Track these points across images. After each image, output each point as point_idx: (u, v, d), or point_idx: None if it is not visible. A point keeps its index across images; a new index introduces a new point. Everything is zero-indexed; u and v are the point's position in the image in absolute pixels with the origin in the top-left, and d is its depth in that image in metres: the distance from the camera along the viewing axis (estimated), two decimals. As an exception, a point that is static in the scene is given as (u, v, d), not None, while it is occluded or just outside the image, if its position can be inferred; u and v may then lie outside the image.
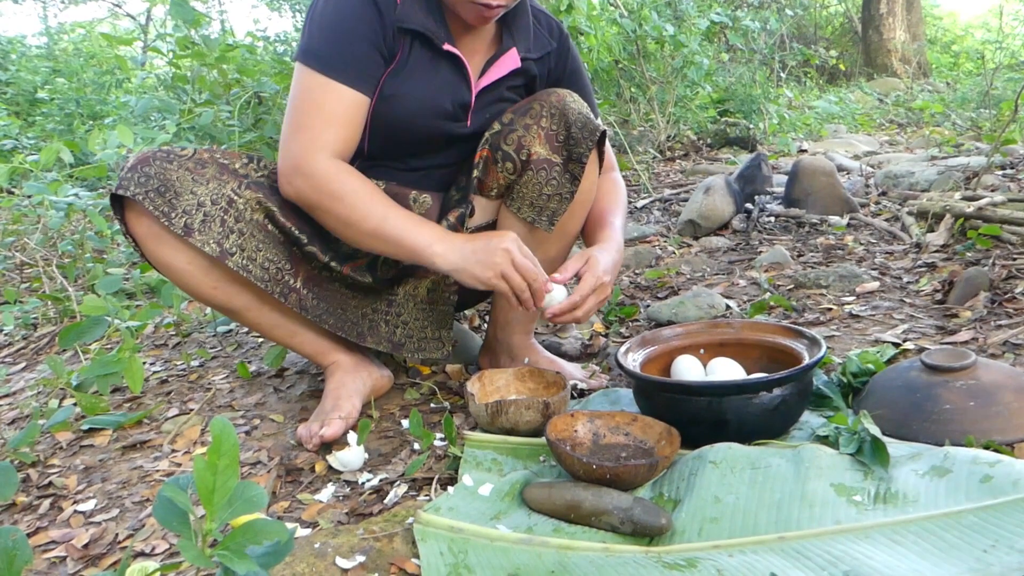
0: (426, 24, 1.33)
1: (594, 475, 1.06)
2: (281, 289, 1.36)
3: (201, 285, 1.35)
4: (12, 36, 9.33)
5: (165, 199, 1.26)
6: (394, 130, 1.40)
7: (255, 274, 1.33)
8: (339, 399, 1.40)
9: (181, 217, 1.27)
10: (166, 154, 1.30)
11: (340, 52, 1.29)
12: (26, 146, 4.66)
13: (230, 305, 1.39)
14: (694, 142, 5.19)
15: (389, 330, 1.49)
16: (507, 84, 1.46)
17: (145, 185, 1.26)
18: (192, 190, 1.29)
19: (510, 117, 1.40)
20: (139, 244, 1.33)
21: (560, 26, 1.53)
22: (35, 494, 1.26)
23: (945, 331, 1.65)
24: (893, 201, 3.03)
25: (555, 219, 1.42)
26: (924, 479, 1.03)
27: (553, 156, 1.38)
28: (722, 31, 5.99)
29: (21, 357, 2.03)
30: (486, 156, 1.42)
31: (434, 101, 1.38)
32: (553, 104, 1.38)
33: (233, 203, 1.32)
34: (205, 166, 1.32)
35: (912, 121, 6.53)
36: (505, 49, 1.43)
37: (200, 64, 3.39)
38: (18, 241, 2.75)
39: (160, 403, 1.59)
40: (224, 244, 1.30)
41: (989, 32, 11.57)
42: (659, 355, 1.39)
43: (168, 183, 1.27)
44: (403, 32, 1.33)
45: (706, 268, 2.42)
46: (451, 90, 1.39)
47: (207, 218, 1.29)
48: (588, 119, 1.37)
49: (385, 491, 1.18)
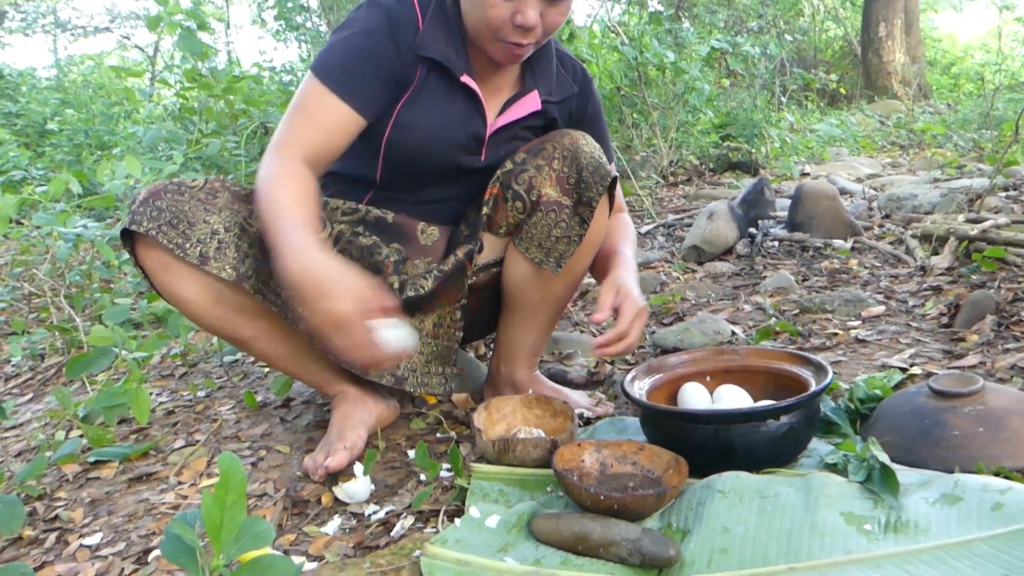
0: (445, 54, 1.35)
1: (602, 506, 1.06)
2: (292, 315, 1.36)
3: (209, 315, 1.35)
4: (23, 69, 9.46)
5: (178, 231, 1.27)
6: (408, 159, 1.41)
7: (269, 298, 1.33)
8: (344, 430, 1.39)
9: (196, 247, 1.27)
10: (177, 186, 1.31)
11: (344, 68, 1.32)
12: (35, 177, 4.70)
13: (238, 335, 1.40)
14: (697, 167, 5.21)
15: (392, 364, 1.48)
16: (525, 125, 1.47)
17: (157, 219, 1.27)
18: (205, 219, 1.29)
19: (522, 156, 1.41)
20: (149, 276, 1.33)
21: (584, 70, 1.54)
22: (41, 527, 1.26)
23: (952, 355, 1.65)
24: (897, 224, 3.04)
25: (563, 261, 1.43)
26: (935, 507, 1.02)
27: (563, 198, 1.39)
28: (722, 57, 6.04)
29: (28, 388, 2.04)
30: (496, 194, 1.42)
31: (448, 132, 1.39)
32: (566, 146, 1.38)
33: (246, 230, 1.33)
34: (216, 195, 1.33)
35: (914, 143, 6.55)
36: (527, 90, 1.43)
37: (207, 95, 3.44)
38: (26, 272, 2.76)
39: (166, 434, 1.59)
40: (240, 268, 1.30)
41: (988, 53, 11.65)
42: (665, 383, 1.39)
43: (181, 215, 1.28)
44: (421, 59, 1.35)
45: (711, 293, 2.42)
46: (465, 123, 1.41)
47: (221, 245, 1.29)
48: (600, 163, 1.38)
49: (392, 523, 1.18)
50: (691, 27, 6.30)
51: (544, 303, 1.51)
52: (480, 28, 1.29)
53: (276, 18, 10.87)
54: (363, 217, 1.48)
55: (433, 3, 1.36)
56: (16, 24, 14.56)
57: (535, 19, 1.24)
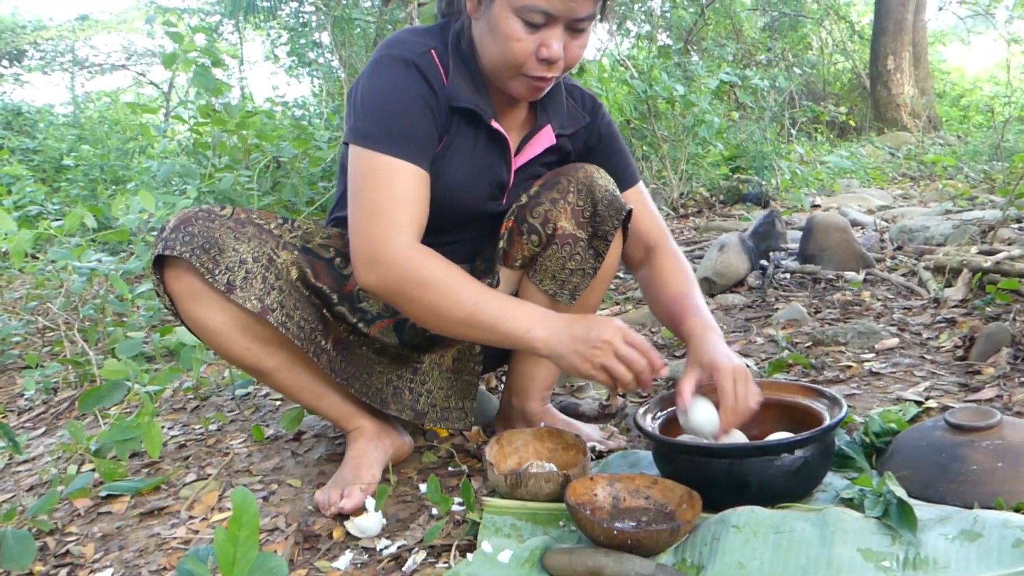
0: (475, 101, 1.31)
1: (615, 540, 1.05)
2: (314, 349, 1.35)
3: (234, 345, 1.34)
4: (41, 106, 9.63)
5: (210, 256, 1.27)
6: (432, 210, 1.33)
7: (292, 331, 1.32)
8: (360, 468, 1.39)
9: (224, 274, 1.27)
10: (207, 213, 1.31)
11: (398, 129, 1.25)
12: (51, 212, 4.76)
13: (261, 366, 1.38)
14: (707, 199, 5.23)
15: (412, 398, 1.48)
16: (541, 161, 1.44)
17: (190, 244, 1.26)
18: (234, 247, 1.29)
19: (536, 190, 1.41)
20: (176, 303, 1.32)
21: (593, 98, 1.51)
22: (52, 563, 1.25)
23: (968, 388, 1.63)
24: (909, 256, 3.03)
25: (577, 293, 1.43)
26: (954, 543, 1.00)
27: (578, 231, 1.39)
28: (732, 90, 6.08)
29: (41, 422, 2.04)
30: (511, 227, 1.42)
31: (476, 182, 1.38)
32: (581, 180, 1.38)
33: (273, 262, 1.33)
34: (245, 225, 1.33)
35: (925, 174, 6.56)
36: (540, 127, 1.41)
37: (221, 130, 3.48)
38: (41, 305, 2.79)
39: (178, 468, 1.59)
40: (265, 300, 1.30)
41: (997, 86, 11.68)
42: (678, 416, 1.38)
43: (212, 240, 1.28)
44: (452, 111, 1.32)
45: (723, 326, 2.41)
46: (491, 171, 1.39)
47: (249, 275, 1.29)
48: (615, 196, 1.38)
49: (403, 558, 1.17)
50: (700, 60, 6.36)
51: None
52: (502, 65, 1.26)
53: (289, 54, 11.03)
54: None
55: (450, 52, 1.32)
56: (35, 62, 14.85)
57: (560, 51, 1.22)
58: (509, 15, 1.20)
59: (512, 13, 1.20)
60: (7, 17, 14.78)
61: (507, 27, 1.21)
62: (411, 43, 1.30)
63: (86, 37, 15.04)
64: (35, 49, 14.77)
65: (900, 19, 9.85)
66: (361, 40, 7.62)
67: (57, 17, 17.49)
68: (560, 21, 1.21)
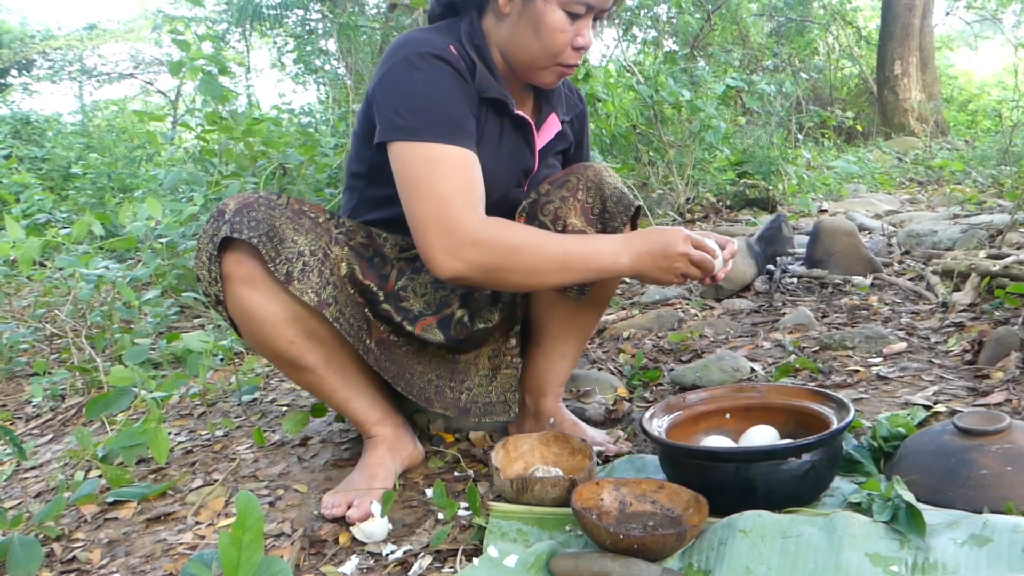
0: (500, 91, 1.38)
1: (621, 545, 1.04)
2: (363, 347, 1.36)
3: (280, 337, 1.33)
4: (49, 115, 9.68)
5: (273, 244, 1.27)
6: None
7: (344, 327, 1.33)
8: (375, 477, 1.38)
9: (283, 264, 1.28)
10: (267, 200, 1.31)
11: (446, 119, 1.27)
12: (59, 219, 4.78)
13: (301, 361, 1.37)
14: (714, 204, 5.22)
15: (455, 396, 1.49)
16: (555, 149, 1.52)
17: (256, 229, 1.26)
18: (293, 239, 1.30)
19: (547, 188, 1.44)
20: (228, 286, 1.29)
21: (578, 89, 1.61)
22: (59, 569, 1.25)
23: (977, 393, 1.62)
24: (917, 260, 3.02)
25: (586, 289, 1.46)
26: (963, 548, 1.00)
27: (588, 228, 1.42)
28: (738, 95, 6.07)
29: (48, 428, 2.05)
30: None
31: (505, 169, 1.43)
32: (590, 178, 1.43)
33: (328, 256, 1.34)
34: (301, 217, 1.34)
35: (932, 179, 6.53)
36: (546, 114, 1.49)
37: (227, 137, 3.49)
38: (49, 313, 2.80)
39: (185, 474, 1.59)
40: (321, 295, 1.30)
41: (1005, 90, 11.64)
42: (684, 420, 1.37)
43: (275, 229, 1.28)
44: (481, 102, 1.37)
45: (729, 331, 2.40)
46: (518, 157, 1.45)
47: (306, 268, 1.30)
48: (623, 194, 1.43)
49: (409, 563, 1.16)
50: (706, 66, 6.36)
51: (571, 332, 1.54)
52: (541, 55, 1.33)
53: (295, 61, 11.07)
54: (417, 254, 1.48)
55: (468, 47, 1.36)
56: (44, 72, 14.94)
57: (591, 39, 1.32)
58: (555, 8, 1.28)
59: (558, 6, 1.28)
60: (16, 27, 14.88)
61: (553, 19, 1.29)
62: (432, 40, 1.32)
63: (94, 46, 15.13)
64: (44, 58, 14.87)
65: (907, 24, 9.82)
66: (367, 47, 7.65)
67: (65, 26, 17.58)
68: (594, 11, 1.31)
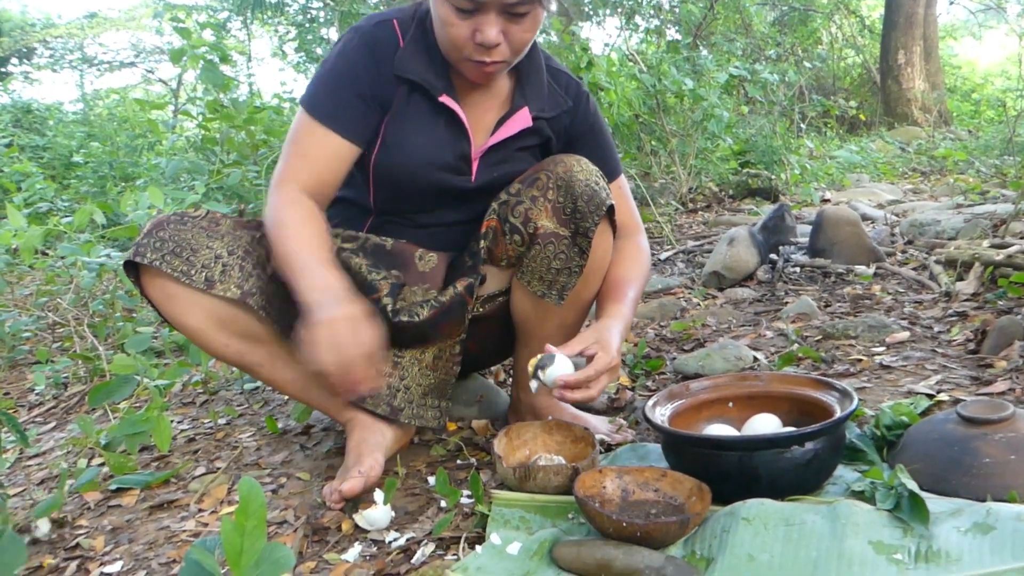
0: (424, 76, 1.36)
1: (624, 533, 1.04)
2: (294, 337, 1.36)
3: (215, 342, 1.37)
4: (50, 103, 9.65)
5: (182, 259, 1.30)
6: (395, 180, 1.43)
7: (273, 316, 1.34)
8: (360, 455, 1.38)
9: (201, 272, 1.30)
10: (179, 217, 1.35)
11: (328, 97, 1.36)
12: (61, 208, 4.77)
13: (243, 362, 1.42)
14: (716, 193, 5.20)
15: (390, 393, 1.46)
16: (519, 144, 1.46)
17: (161, 249, 1.30)
18: (208, 245, 1.33)
19: (517, 188, 1.40)
20: (155, 306, 1.36)
21: (579, 84, 1.53)
22: (62, 556, 1.26)
23: (980, 381, 1.62)
24: (920, 250, 3.01)
25: (565, 293, 1.41)
26: (967, 536, 1.00)
27: (560, 229, 1.36)
28: (741, 84, 6.05)
29: (51, 416, 2.05)
30: (495, 227, 1.41)
31: (433, 151, 1.40)
32: (560, 175, 1.36)
33: (249, 253, 1.36)
34: (218, 223, 1.37)
35: (935, 169, 6.50)
36: (516, 108, 1.43)
37: (229, 126, 3.48)
38: (51, 301, 2.80)
39: (187, 462, 1.59)
40: (244, 286, 1.33)
41: (1009, 80, 11.59)
42: (687, 409, 1.37)
43: (183, 243, 1.31)
44: (400, 80, 1.37)
45: (732, 320, 2.40)
46: (450, 143, 1.41)
47: (226, 268, 1.32)
48: (595, 191, 1.35)
49: (412, 550, 1.17)
50: (709, 55, 6.32)
51: (556, 331, 1.48)
52: (447, 48, 1.33)
53: (296, 50, 11.04)
54: (363, 245, 1.48)
55: (413, 25, 1.38)
56: (45, 60, 14.90)
57: (495, 37, 1.25)
58: (443, 2, 1.25)
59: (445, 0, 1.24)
60: (16, 15, 14.82)
61: (441, 12, 1.26)
62: (382, 14, 1.39)
63: (95, 35, 15.07)
64: (44, 47, 14.82)
65: (911, 13, 9.77)
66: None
67: (66, 15, 17.55)
68: (491, 7, 1.23)
